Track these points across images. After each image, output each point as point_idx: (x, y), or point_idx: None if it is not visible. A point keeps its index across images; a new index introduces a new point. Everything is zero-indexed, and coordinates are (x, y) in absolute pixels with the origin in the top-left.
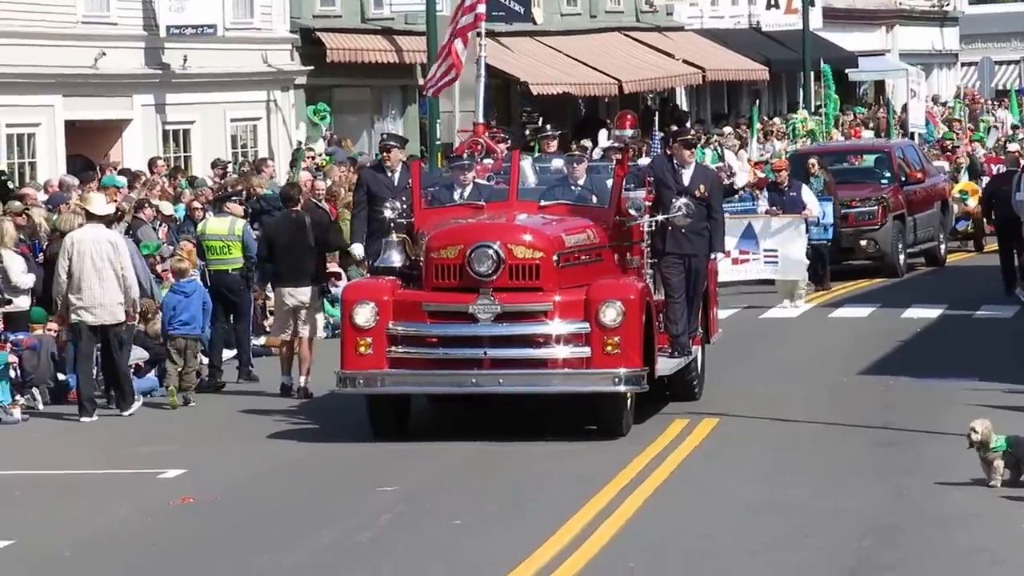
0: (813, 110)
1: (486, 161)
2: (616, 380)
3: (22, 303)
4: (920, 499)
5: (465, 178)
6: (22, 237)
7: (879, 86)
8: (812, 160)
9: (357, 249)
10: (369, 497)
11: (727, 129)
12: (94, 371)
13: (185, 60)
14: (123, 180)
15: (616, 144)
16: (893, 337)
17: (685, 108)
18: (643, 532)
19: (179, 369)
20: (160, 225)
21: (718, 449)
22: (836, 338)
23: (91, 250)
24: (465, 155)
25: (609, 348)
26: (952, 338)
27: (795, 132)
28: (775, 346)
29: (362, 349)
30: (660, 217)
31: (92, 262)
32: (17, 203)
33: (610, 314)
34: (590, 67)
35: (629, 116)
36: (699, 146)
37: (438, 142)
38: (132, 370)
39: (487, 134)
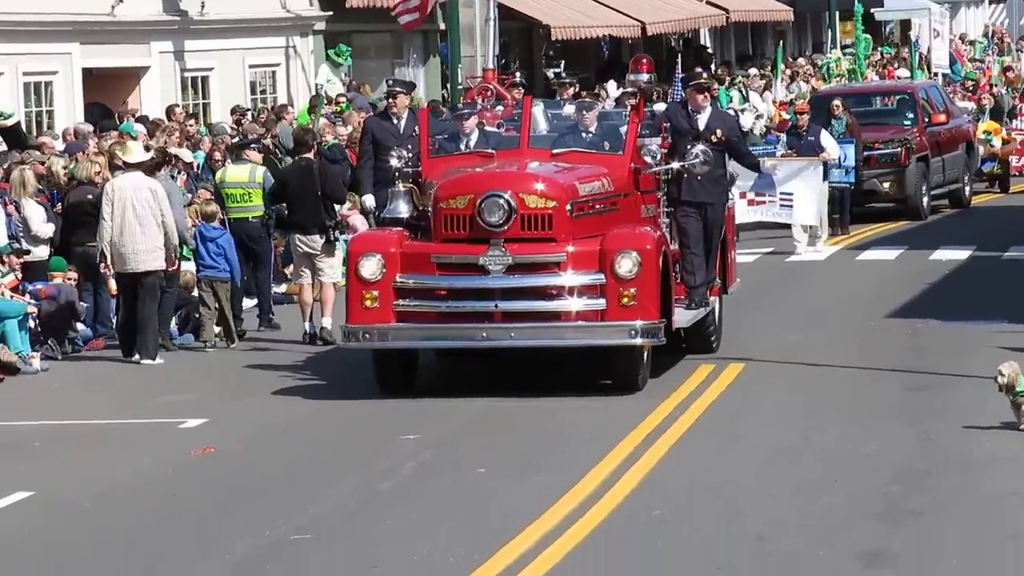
0: (829, 51)
1: (496, 108)
2: (632, 333)
3: (41, 252)
4: (948, 443)
5: (470, 126)
6: (40, 187)
7: (905, 25)
8: (835, 102)
9: (369, 200)
10: (392, 446)
11: (752, 70)
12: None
13: (203, 6)
14: (140, 128)
15: (631, 89)
16: (921, 279)
17: (709, 50)
18: (669, 478)
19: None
20: (179, 173)
21: (744, 394)
22: (863, 281)
23: (132, 198)
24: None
25: (625, 300)
26: (980, 280)
27: (829, 72)
28: (801, 290)
29: (368, 303)
30: (676, 164)
31: (133, 209)
32: (36, 152)
33: (626, 265)
34: (613, 9)
35: (644, 60)
36: (724, 88)
37: (460, 87)
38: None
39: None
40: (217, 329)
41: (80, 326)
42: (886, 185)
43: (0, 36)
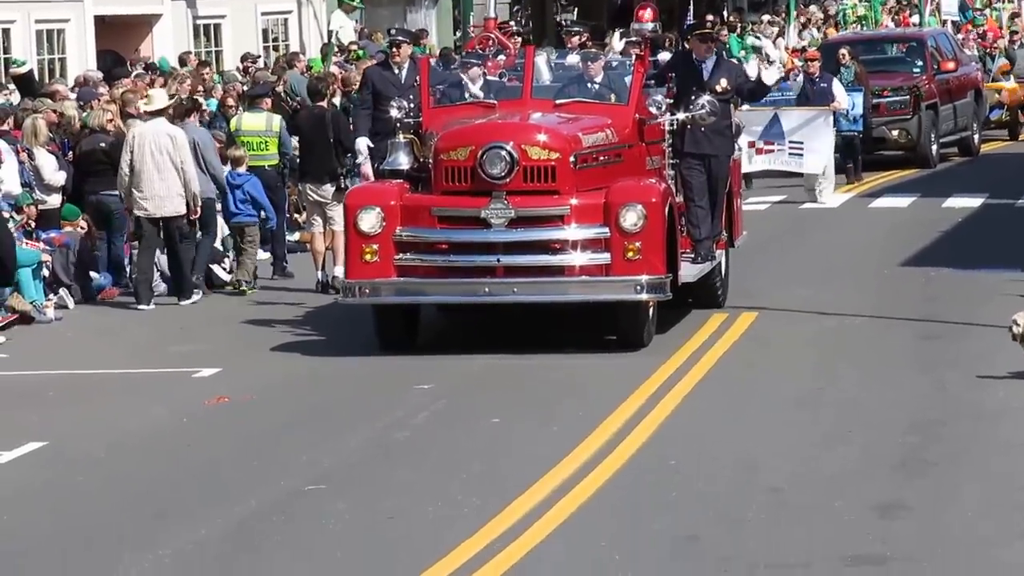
0: None
1: (498, 57)
2: (638, 288)
3: (54, 201)
4: (962, 393)
5: (475, 75)
6: (52, 135)
7: None
8: (843, 50)
9: (361, 143)
10: (405, 396)
11: (765, 17)
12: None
13: None
14: (166, 60)
15: (635, 39)
16: (934, 227)
17: None
18: (683, 429)
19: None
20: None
21: (757, 345)
22: (876, 229)
23: (151, 143)
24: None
25: (630, 254)
26: (994, 227)
27: (845, 19)
28: (814, 238)
29: (368, 257)
30: (681, 115)
31: (152, 155)
32: (48, 100)
33: (631, 218)
34: None
35: (649, 8)
36: (736, 35)
37: (471, 33)
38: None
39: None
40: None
41: (93, 274)
42: (895, 133)
43: None
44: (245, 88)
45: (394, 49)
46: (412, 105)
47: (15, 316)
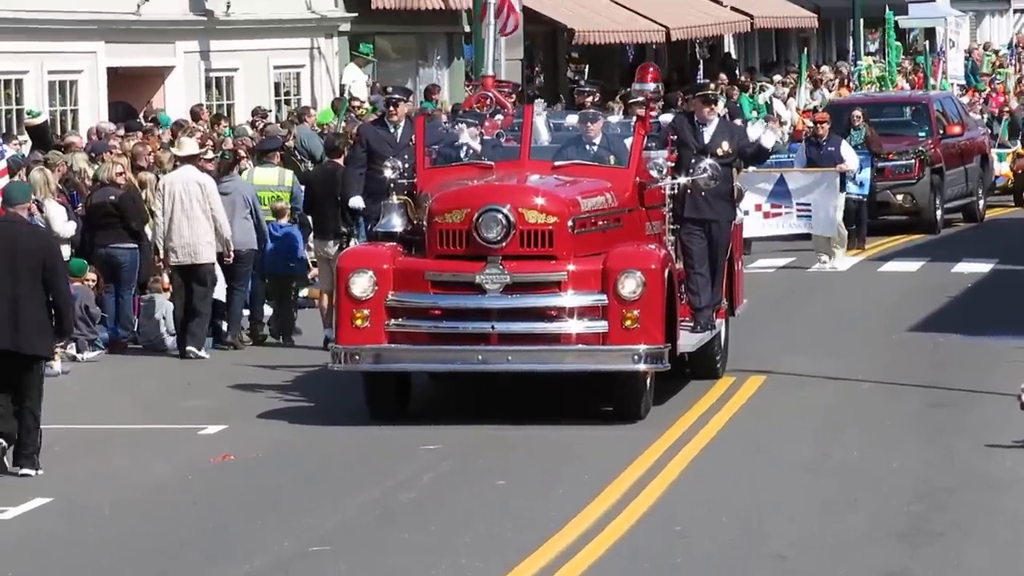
0: (861, 57)
1: (496, 117)
2: (636, 357)
3: (63, 253)
4: (970, 461)
5: (470, 135)
6: (61, 187)
7: (929, 33)
8: (856, 112)
9: (356, 201)
10: (411, 456)
11: (776, 77)
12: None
13: (228, 6)
14: (168, 118)
15: (637, 99)
16: (943, 292)
17: (733, 56)
18: (689, 493)
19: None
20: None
21: (764, 408)
22: (885, 293)
23: (181, 191)
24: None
25: (628, 322)
26: (1003, 293)
27: (860, 79)
28: (822, 301)
29: (359, 322)
30: (682, 179)
31: (181, 203)
32: (59, 153)
33: (629, 285)
34: (637, 14)
35: (651, 69)
36: (748, 95)
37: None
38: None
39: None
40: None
41: (99, 327)
42: (899, 197)
43: (26, 34)
44: (255, 142)
45: (390, 107)
46: (407, 165)
47: None
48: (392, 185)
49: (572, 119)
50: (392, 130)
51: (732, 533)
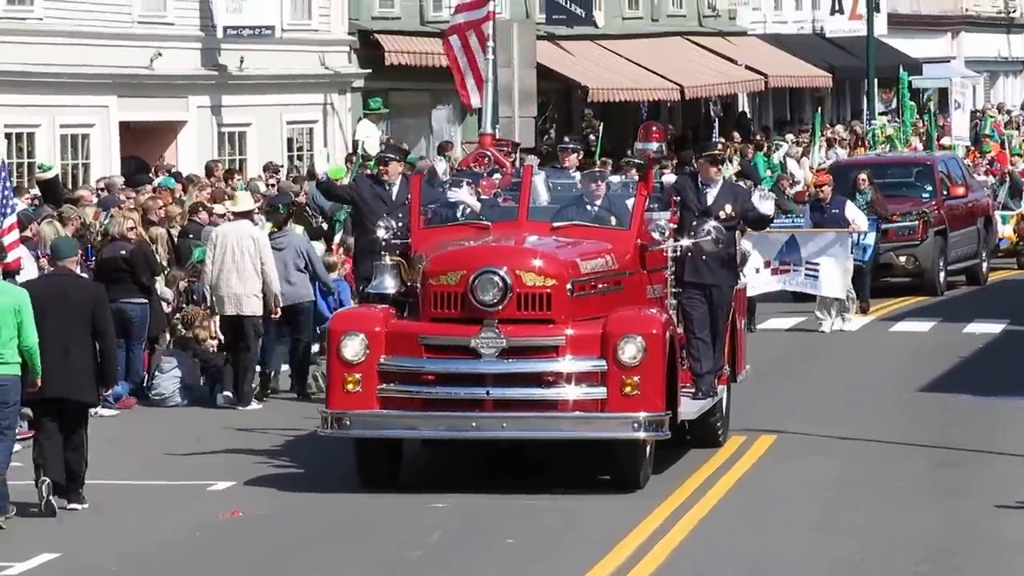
0: (875, 117)
1: (494, 176)
2: (635, 425)
3: None
4: (979, 522)
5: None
6: (74, 241)
7: (943, 93)
8: (862, 175)
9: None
10: (420, 513)
11: (789, 136)
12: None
13: (242, 61)
14: (171, 180)
15: (637, 159)
16: (954, 353)
17: (748, 114)
18: (698, 553)
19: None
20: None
21: (775, 468)
22: (895, 353)
23: (233, 244)
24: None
25: (628, 389)
26: (1014, 354)
27: (874, 139)
28: (832, 362)
29: (350, 386)
30: (685, 242)
31: (232, 255)
32: (72, 207)
33: (629, 350)
34: (652, 72)
35: (654, 128)
36: (762, 153)
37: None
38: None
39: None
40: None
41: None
42: (902, 259)
43: (38, 88)
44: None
45: (381, 167)
46: (401, 225)
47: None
48: (385, 245)
49: (572, 179)
50: (387, 188)
51: None
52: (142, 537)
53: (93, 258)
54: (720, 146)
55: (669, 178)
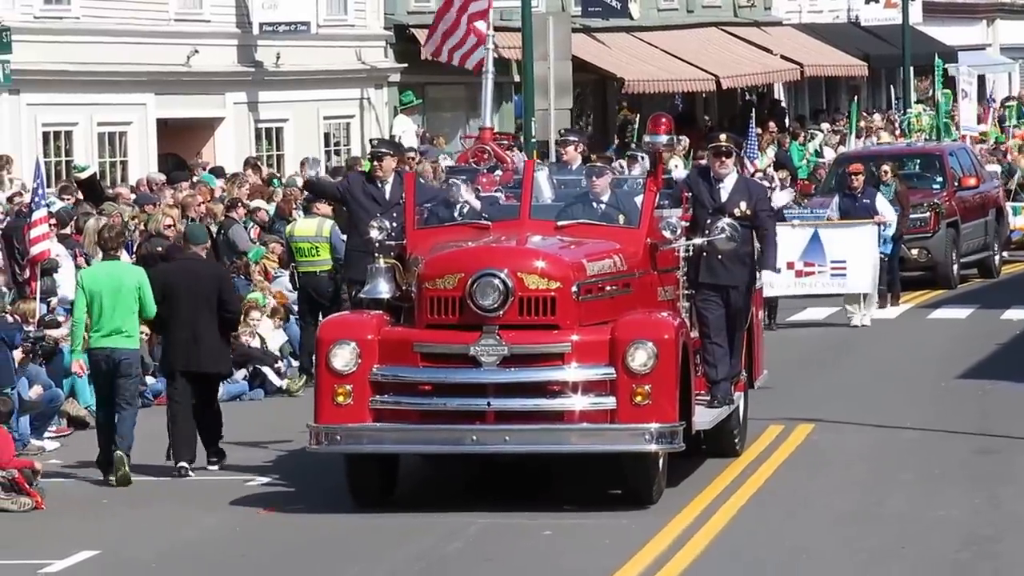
0: (911, 105)
1: (494, 172)
2: (647, 437)
3: None
4: (1018, 509)
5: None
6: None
7: (979, 81)
8: (885, 167)
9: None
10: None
11: (824, 125)
12: None
13: (278, 57)
14: (211, 177)
15: (639, 154)
16: (992, 339)
17: (783, 104)
18: (737, 542)
19: None
20: (253, 226)
21: (813, 455)
22: (934, 340)
23: None
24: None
25: (639, 398)
26: None
27: (910, 127)
28: (871, 349)
29: (340, 399)
30: (698, 240)
31: None
32: (113, 204)
33: (640, 357)
34: (687, 63)
35: (664, 120)
36: (798, 142)
37: (533, 140)
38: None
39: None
40: None
41: (150, 379)
42: (915, 252)
43: (75, 86)
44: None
45: (376, 163)
46: (394, 225)
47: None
48: (379, 247)
49: (577, 175)
50: (380, 185)
51: None
52: (182, 534)
53: (132, 255)
54: (725, 137)
55: (680, 173)
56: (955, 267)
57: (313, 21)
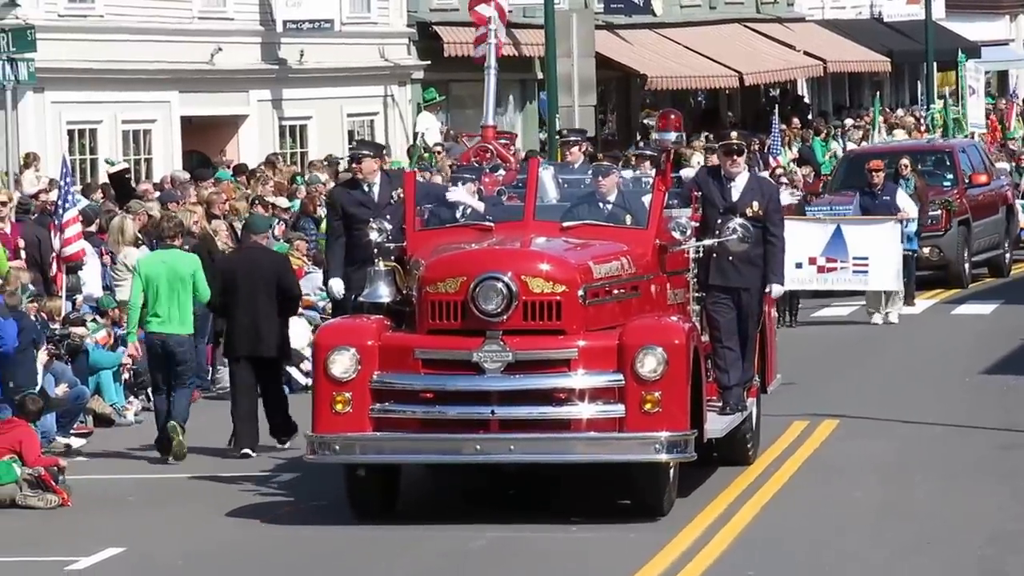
0: (934, 101)
1: (497, 172)
2: (657, 446)
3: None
4: None
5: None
6: (140, 236)
7: (1002, 76)
8: (904, 161)
9: (336, 285)
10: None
11: (848, 121)
12: None
13: (302, 55)
14: (228, 173)
15: (648, 152)
16: (1017, 335)
17: (806, 100)
18: (762, 536)
19: None
20: (277, 222)
21: (838, 451)
22: (958, 336)
23: None
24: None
25: (648, 406)
26: None
27: (933, 123)
28: (896, 344)
29: (339, 407)
30: (708, 241)
31: None
32: (139, 202)
33: (649, 363)
34: (710, 59)
35: (672, 116)
36: (819, 138)
37: (558, 137)
38: None
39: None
40: None
41: None
42: (926, 250)
43: (99, 84)
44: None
45: (355, 165)
46: (394, 227)
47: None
48: (378, 250)
49: (583, 174)
50: (366, 188)
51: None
52: (207, 532)
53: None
54: (736, 134)
55: (688, 172)
56: (967, 266)
57: (336, 19)
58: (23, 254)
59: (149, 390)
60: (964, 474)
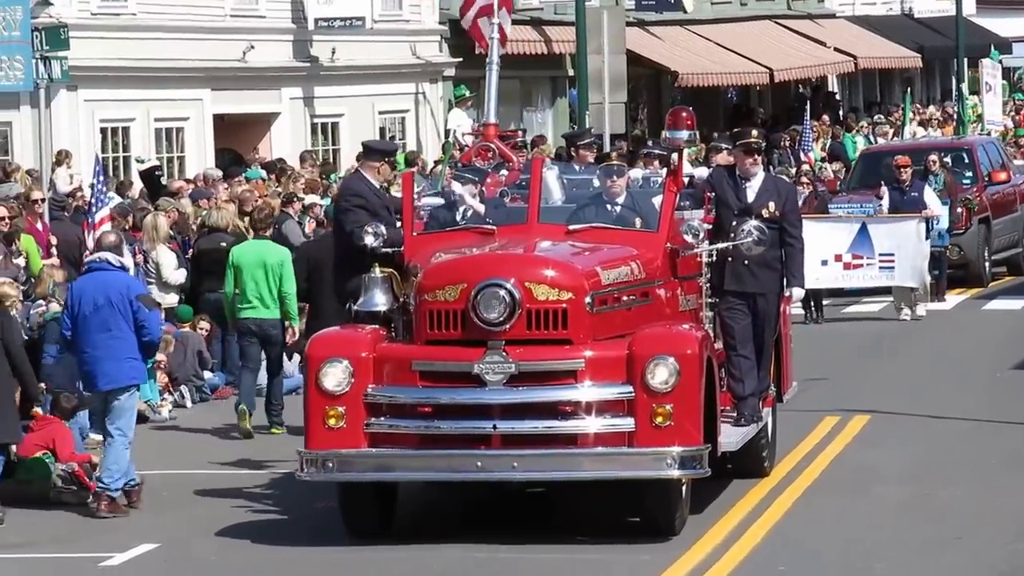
0: (966, 97)
1: (500, 172)
2: (669, 462)
3: (171, 300)
4: None
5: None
6: (172, 233)
7: None
8: (933, 156)
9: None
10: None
11: (879, 117)
12: None
13: (333, 53)
14: (260, 172)
15: (656, 151)
16: None
17: (837, 96)
18: (792, 532)
19: None
20: (309, 220)
21: (868, 446)
22: (989, 331)
23: None
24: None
25: (659, 419)
26: None
27: (966, 118)
28: (926, 340)
29: (332, 422)
30: (722, 244)
31: None
32: (169, 200)
33: (661, 374)
34: (741, 56)
35: (685, 114)
36: (849, 134)
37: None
38: None
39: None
40: None
41: (208, 374)
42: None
43: (132, 82)
44: None
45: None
46: (386, 229)
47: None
48: (374, 255)
49: (591, 175)
50: (388, 190)
51: (834, 572)
52: (241, 526)
53: (190, 250)
54: (756, 133)
55: (701, 172)
56: (987, 264)
57: (368, 16)
58: (55, 252)
59: (184, 388)
60: (994, 469)
